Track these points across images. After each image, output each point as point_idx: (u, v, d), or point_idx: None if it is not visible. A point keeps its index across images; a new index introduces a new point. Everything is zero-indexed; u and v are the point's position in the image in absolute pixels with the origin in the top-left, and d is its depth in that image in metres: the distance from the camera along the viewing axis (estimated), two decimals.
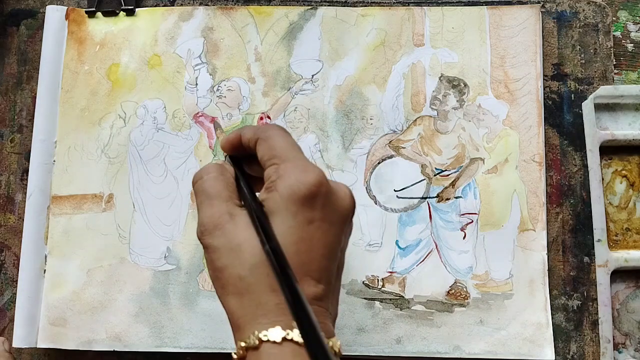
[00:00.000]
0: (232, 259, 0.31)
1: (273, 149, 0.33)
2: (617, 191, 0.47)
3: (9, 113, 0.51)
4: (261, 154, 0.33)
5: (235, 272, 0.31)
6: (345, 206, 0.33)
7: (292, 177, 0.31)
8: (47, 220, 0.48)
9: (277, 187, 0.31)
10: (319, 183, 0.31)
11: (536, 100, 0.48)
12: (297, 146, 0.34)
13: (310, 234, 0.31)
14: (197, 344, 0.46)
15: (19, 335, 0.46)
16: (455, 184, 0.48)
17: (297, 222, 0.31)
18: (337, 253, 0.33)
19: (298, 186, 0.31)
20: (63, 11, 0.51)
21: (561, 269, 0.47)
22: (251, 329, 0.30)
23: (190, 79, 0.50)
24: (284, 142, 0.33)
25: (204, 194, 0.33)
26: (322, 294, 0.31)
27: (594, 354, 0.45)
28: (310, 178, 0.31)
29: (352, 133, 0.49)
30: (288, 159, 0.32)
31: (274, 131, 0.34)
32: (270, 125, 0.35)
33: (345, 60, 0.50)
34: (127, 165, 0.49)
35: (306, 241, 0.31)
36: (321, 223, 0.31)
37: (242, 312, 0.31)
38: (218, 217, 0.32)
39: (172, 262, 0.47)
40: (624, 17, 0.51)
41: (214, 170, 0.34)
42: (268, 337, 0.29)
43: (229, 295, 0.31)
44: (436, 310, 0.46)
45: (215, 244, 0.32)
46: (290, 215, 0.31)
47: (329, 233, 0.32)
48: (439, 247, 0.47)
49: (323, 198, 0.31)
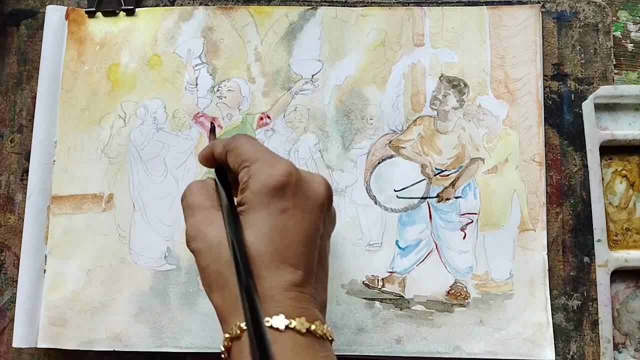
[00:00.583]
0: (212, 257, 0.33)
1: (241, 155, 0.35)
2: (617, 191, 0.47)
3: (9, 113, 0.51)
4: (232, 164, 0.35)
5: (215, 268, 0.33)
6: (318, 194, 0.34)
7: (262, 173, 0.33)
8: (47, 220, 0.48)
9: (249, 185, 0.33)
10: (287, 173, 0.33)
11: (536, 100, 0.48)
12: (264, 147, 0.35)
13: (284, 223, 0.32)
14: (197, 344, 0.46)
15: (19, 335, 0.46)
16: (455, 184, 0.48)
17: (270, 212, 0.32)
18: (316, 240, 0.34)
19: (267, 179, 0.33)
20: (63, 11, 0.51)
21: (561, 269, 0.47)
22: (234, 320, 0.31)
23: (190, 79, 0.50)
24: (251, 146, 0.35)
25: (189, 208, 0.36)
26: (302, 280, 0.32)
27: (594, 354, 0.45)
28: (279, 170, 0.33)
29: (352, 133, 0.49)
30: (257, 158, 0.34)
31: (240, 140, 0.36)
32: (235, 136, 0.36)
33: (345, 60, 0.50)
34: (127, 165, 0.49)
35: (280, 230, 0.32)
36: (294, 211, 0.33)
37: (225, 305, 0.32)
38: (199, 224, 0.34)
39: (172, 262, 0.47)
40: (624, 17, 0.51)
41: (196, 186, 0.37)
42: None
43: (213, 292, 0.33)
44: (436, 310, 0.46)
45: (197, 247, 0.34)
46: (262, 208, 0.32)
47: (304, 220, 0.33)
48: (439, 247, 0.47)
49: (293, 187, 0.33)
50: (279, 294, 0.31)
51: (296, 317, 0.31)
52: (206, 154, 0.38)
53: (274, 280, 0.31)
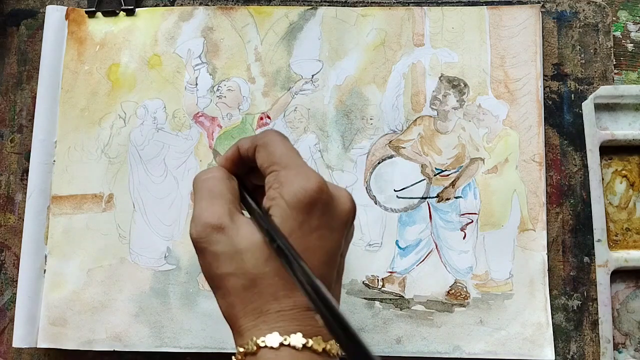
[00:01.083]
0: (234, 267, 0.31)
1: (272, 155, 0.33)
2: (617, 191, 0.47)
3: (9, 113, 0.51)
4: (260, 161, 0.33)
5: (238, 282, 0.31)
6: (345, 210, 0.33)
7: (294, 184, 0.31)
8: (47, 220, 0.48)
9: (282, 194, 0.31)
10: (319, 189, 0.31)
11: (536, 100, 0.48)
12: (295, 151, 0.33)
13: (312, 243, 0.31)
14: (197, 344, 0.46)
15: (19, 335, 0.46)
16: (455, 184, 0.48)
17: (302, 232, 0.31)
18: (337, 258, 0.33)
19: (301, 193, 0.31)
20: (63, 11, 0.51)
21: (561, 269, 0.47)
22: (250, 335, 0.30)
23: (190, 79, 0.50)
24: (283, 147, 0.33)
25: (206, 190, 0.33)
26: None
27: (594, 354, 0.45)
28: (312, 184, 0.31)
29: (352, 133, 0.49)
30: (288, 165, 0.32)
31: (272, 137, 0.34)
32: (267, 132, 0.34)
33: (345, 60, 0.50)
34: (127, 165, 0.49)
35: (309, 250, 0.31)
36: (322, 230, 0.31)
37: (244, 319, 0.31)
38: (218, 217, 0.31)
39: (172, 262, 0.47)
40: (624, 17, 0.51)
41: (220, 173, 0.34)
42: (266, 343, 0.29)
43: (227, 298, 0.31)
44: (436, 310, 0.46)
45: (214, 249, 0.31)
46: (295, 225, 0.31)
47: (330, 239, 0.32)
48: (439, 247, 0.47)
49: (323, 204, 0.31)
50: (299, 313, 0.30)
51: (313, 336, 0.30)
52: (231, 154, 0.35)
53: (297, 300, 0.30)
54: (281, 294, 0.30)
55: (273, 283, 0.30)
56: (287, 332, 0.30)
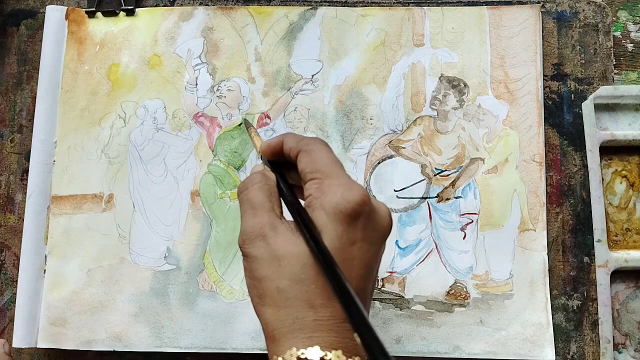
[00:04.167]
0: (272, 270, 0.31)
1: (316, 163, 0.33)
2: (617, 191, 0.47)
3: (9, 113, 0.51)
4: (302, 167, 0.33)
5: (274, 284, 0.31)
6: (384, 225, 0.33)
7: (337, 195, 0.31)
8: (47, 220, 0.48)
9: (322, 204, 0.31)
10: (362, 202, 0.31)
11: (536, 100, 0.48)
12: (340, 163, 0.33)
13: (352, 255, 0.31)
14: (197, 344, 0.46)
15: (19, 335, 0.46)
16: (455, 184, 0.48)
17: (342, 243, 0.31)
18: (374, 273, 0.33)
19: (344, 204, 0.31)
20: (63, 11, 0.51)
21: (561, 269, 0.47)
22: (287, 342, 0.30)
23: (190, 79, 0.50)
24: (327, 157, 0.33)
25: (249, 203, 0.33)
26: None
27: (594, 354, 0.45)
28: (355, 195, 0.31)
29: (352, 133, 0.49)
30: (331, 175, 0.32)
31: (317, 145, 0.34)
32: (314, 139, 0.34)
33: (345, 60, 0.50)
34: (127, 165, 0.49)
35: (348, 262, 0.31)
36: (362, 244, 0.31)
37: (278, 324, 0.31)
38: (260, 227, 0.32)
39: (172, 262, 0.47)
40: (624, 17, 0.51)
41: (259, 180, 0.34)
42: (306, 356, 0.29)
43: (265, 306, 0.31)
44: (436, 310, 0.46)
45: (255, 253, 0.32)
46: (335, 236, 0.31)
47: (369, 253, 0.32)
48: (439, 247, 0.47)
49: (365, 217, 0.31)
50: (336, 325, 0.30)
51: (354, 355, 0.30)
52: (275, 145, 0.35)
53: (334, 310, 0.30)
54: (318, 302, 0.30)
55: (309, 290, 0.30)
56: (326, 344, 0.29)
